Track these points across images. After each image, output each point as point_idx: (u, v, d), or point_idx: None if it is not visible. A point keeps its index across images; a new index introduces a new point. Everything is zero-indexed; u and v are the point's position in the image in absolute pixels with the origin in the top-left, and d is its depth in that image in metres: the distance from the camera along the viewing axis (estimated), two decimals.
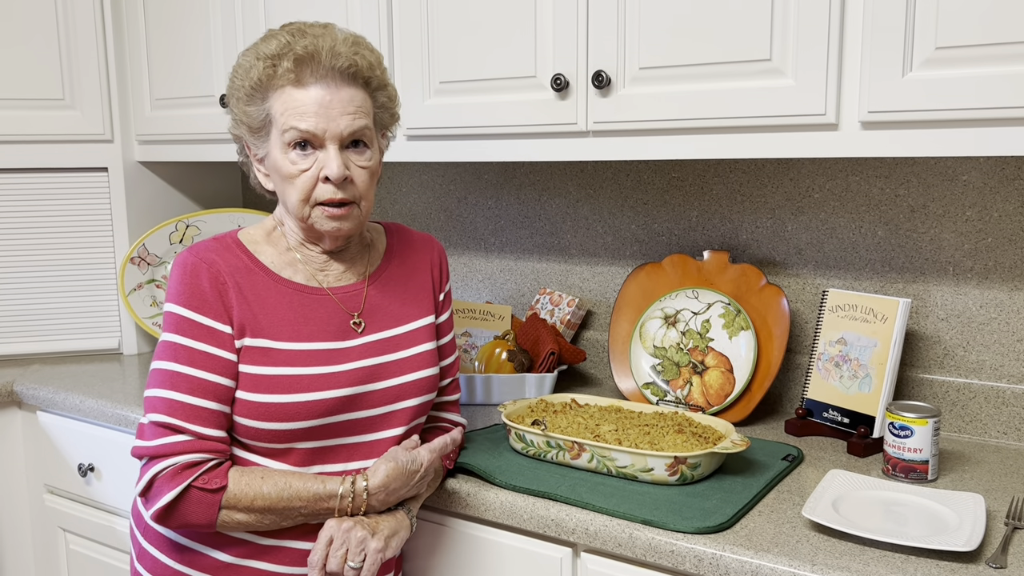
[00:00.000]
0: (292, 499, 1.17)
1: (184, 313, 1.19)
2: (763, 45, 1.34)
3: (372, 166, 1.23)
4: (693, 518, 1.18)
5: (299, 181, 1.19)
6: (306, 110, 1.17)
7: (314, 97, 1.17)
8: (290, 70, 1.17)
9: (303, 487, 1.17)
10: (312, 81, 1.17)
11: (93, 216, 2.23)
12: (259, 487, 1.16)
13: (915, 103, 1.23)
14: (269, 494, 1.16)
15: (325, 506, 1.18)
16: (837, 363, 1.56)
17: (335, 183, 1.19)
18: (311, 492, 1.17)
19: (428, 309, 1.35)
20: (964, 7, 1.18)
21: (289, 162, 1.19)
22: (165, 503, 1.14)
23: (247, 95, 1.21)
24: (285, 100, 1.18)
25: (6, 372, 2.08)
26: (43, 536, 2.06)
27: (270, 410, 1.18)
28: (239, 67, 1.23)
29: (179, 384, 1.17)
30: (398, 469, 1.20)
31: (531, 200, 2.04)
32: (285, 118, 1.17)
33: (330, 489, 1.18)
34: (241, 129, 1.25)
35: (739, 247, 1.78)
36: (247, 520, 1.17)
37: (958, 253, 1.56)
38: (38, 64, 2.13)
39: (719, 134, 1.41)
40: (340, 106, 1.18)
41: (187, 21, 2.07)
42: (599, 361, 1.97)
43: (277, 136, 1.19)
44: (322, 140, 1.18)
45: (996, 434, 1.54)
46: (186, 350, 1.18)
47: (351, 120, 1.19)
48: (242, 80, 1.21)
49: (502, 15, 1.58)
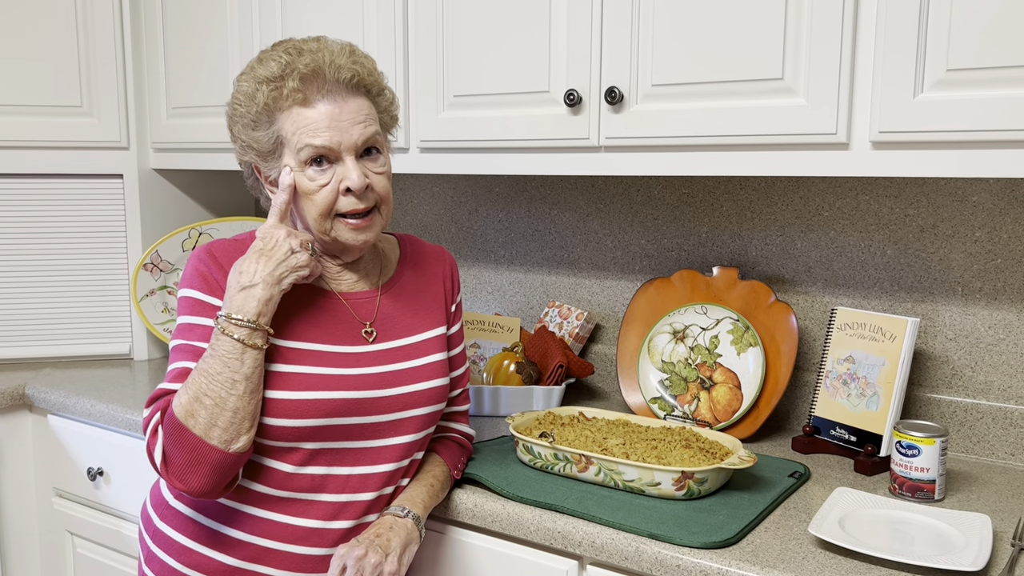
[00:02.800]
0: (207, 361, 1.14)
1: (195, 295, 1.22)
2: (775, 64, 1.35)
3: (387, 170, 1.26)
4: (700, 533, 1.18)
5: (319, 197, 1.20)
6: (318, 126, 1.18)
7: (323, 112, 1.18)
8: (296, 89, 1.17)
9: (208, 353, 1.15)
10: (319, 98, 1.19)
11: (107, 222, 2.25)
12: (187, 384, 1.14)
13: (926, 124, 1.24)
14: (191, 381, 1.14)
15: (235, 354, 1.14)
16: (845, 381, 1.56)
17: (356, 194, 1.20)
18: (214, 351, 1.14)
19: (440, 320, 1.37)
20: (976, 29, 1.19)
21: (307, 179, 1.20)
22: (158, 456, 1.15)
23: (253, 121, 1.21)
24: (295, 119, 1.19)
25: (18, 375, 2.10)
26: (51, 539, 2.07)
27: (277, 406, 1.19)
28: (239, 93, 1.23)
29: (187, 354, 1.20)
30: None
31: (541, 213, 2.05)
32: (298, 137, 1.18)
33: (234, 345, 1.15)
34: (250, 155, 1.25)
35: (748, 264, 1.79)
36: (201, 415, 1.12)
37: (967, 274, 1.56)
38: (57, 71, 2.15)
39: (730, 151, 1.42)
40: (350, 117, 1.20)
41: (205, 30, 2.09)
42: (607, 375, 1.97)
43: (291, 156, 1.20)
44: (338, 153, 1.19)
45: (1003, 455, 1.54)
46: (198, 327, 1.21)
47: (363, 129, 1.21)
48: (246, 107, 1.21)
49: (517, 30, 1.60)
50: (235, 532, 1.23)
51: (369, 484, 1.26)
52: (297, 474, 1.23)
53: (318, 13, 1.87)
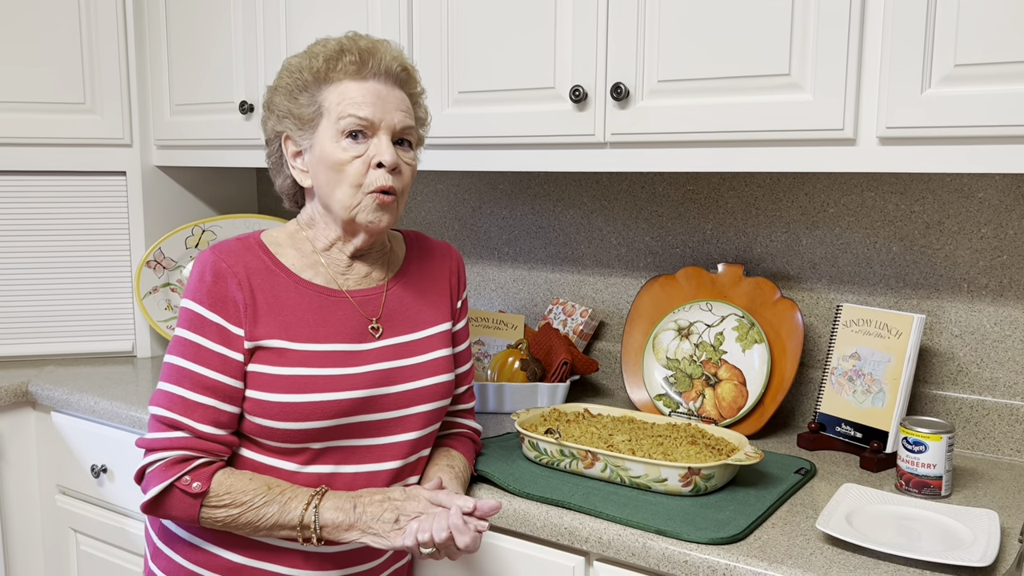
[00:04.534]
0: (262, 520, 1.17)
1: (198, 310, 1.21)
2: (782, 59, 1.35)
3: (415, 165, 1.29)
4: (707, 529, 1.18)
5: (350, 168, 1.22)
6: (364, 100, 1.22)
7: (372, 89, 1.23)
8: (353, 62, 1.22)
9: (272, 510, 1.17)
10: (371, 76, 1.23)
11: (110, 219, 2.24)
12: (241, 485, 1.17)
13: (933, 119, 1.24)
14: (248, 490, 1.17)
15: (287, 532, 1.18)
16: (850, 377, 1.56)
17: (388, 168, 1.22)
18: (276, 519, 1.17)
19: (445, 315, 1.36)
20: (984, 25, 1.19)
21: (341, 149, 1.22)
22: (149, 497, 1.17)
23: (300, 87, 1.24)
24: (342, 91, 1.22)
25: (21, 372, 2.09)
26: (54, 537, 2.06)
27: (285, 409, 1.19)
28: (289, 66, 1.27)
29: (182, 379, 1.19)
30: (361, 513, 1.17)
31: (545, 210, 2.05)
32: (342, 107, 1.21)
33: (292, 518, 1.17)
34: (285, 124, 1.26)
35: (753, 260, 1.79)
36: (227, 518, 1.17)
37: (973, 270, 1.56)
38: (60, 68, 2.15)
39: (736, 147, 1.42)
40: (395, 102, 1.24)
41: (208, 27, 2.09)
42: (611, 372, 1.97)
43: (329, 125, 1.22)
44: (376, 129, 1.22)
45: (1009, 451, 1.53)
46: (194, 346, 1.20)
47: (404, 116, 1.25)
48: (296, 75, 1.25)
49: (522, 26, 1.59)
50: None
51: (376, 481, 1.26)
52: (303, 473, 1.23)
53: (322, 9, 1.86)
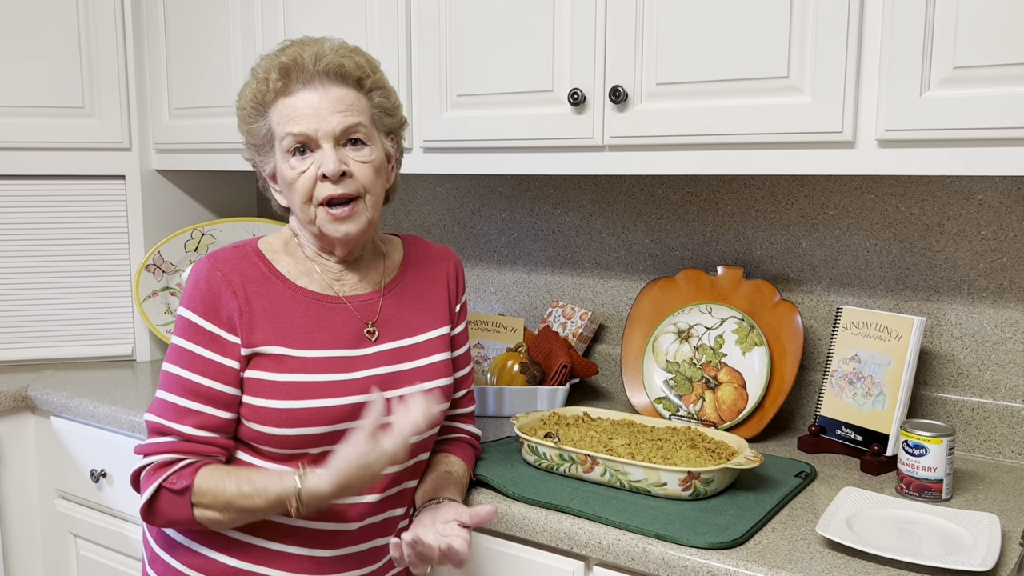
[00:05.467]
0: (252, 496, 1.15)
1: (192, 318, 1.21)
2: (781, 62, 1.35)
3: (373, 161, 1.23)
4: (707, 533, 1.18)
5: (299, 183, 1.21)
6: (297, 114, 1.20)
7: (304, 100, 1.20)
8: (276, 80, 1.20)
9: (262, 485, 1.15)
10: (299, 87, 1.20)
11: (109, 223, 2.24)
12: (221, 483, 1.16)
13: (932, 122, 1.23)
14: (229, 489, 1.15)
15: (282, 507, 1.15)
16: (851, 380, 1.56)
17: (332, 179, 1.20)
18: (269, 493, 1.14)
19: (443, 320, 1.36)
20: (982, 27, 1.19)
21: (289, 167, 1.22)
22: (143, 501, 1.18)
23: (250, 115, 1.25)
24: (280, 110, 1.21)
25: (20, 377, 2.09)
26: (54, 541, 2.06)
27: (282, 415, 1.19)
28: (241, 94, 1.27)
29: (175, 386, 1.20)
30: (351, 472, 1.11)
31: (545, 213, 2.05)
32: (281, 126, 1.21)
33: (286, 488, 1.13)
34: (251, 152, 1.29)
35: (753, 263, 1.79)
36: (218, 517, 1.17)
37: (973, 272, 1.56)
38: (59, 72, 2.15)
39: (735, 150, 1.42)
40: (330, 105, 1.20)
41: (207, 31, 2.09)
42: (611, 375, 1.97)
43: (278, 147, 1.23)
44: (316, 141, 1.20)
45: (1010, 454, 1.53)
46: (188, 354, 1.21)
47: (343, 117, 1.21)
48: (243, 102, 1.26)
49: (520, 30, 1.59)
50: (239, 534, 1.23)
51: (373, 486, 1.25)
52: None
53: (320, 12, 1.86)
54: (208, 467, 1.19)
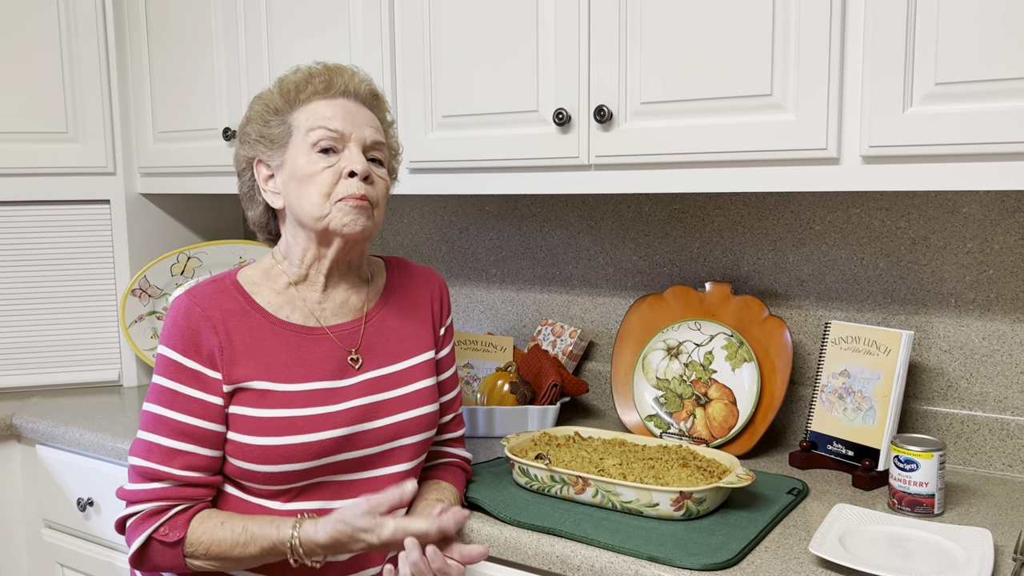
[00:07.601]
0: (247, 545, 1.15)
1: (173, 356, 1.20)
2: (764, 80, 1.35)
3: (387, 181, 1.29)
4: (700, 554, 1.17)
5: (320, 177, 1.21)
6: (334, 114, 1.23)
7: (341, 105, 1.24)
8: (322, 81, 1.25)
9: (258, 534, 1.15)
10: (339, 94, 1.26)
11: (95, 248, 2.23)
12: (215, 535, 1.15)
13: (916, 138, 1.24)
14: (224, 541, 1.15)
15: (279, 555, 1.16)
16: (841, 395, 1.56)
17: (360, 176, 1.22)
18: (265, 541, 1.14)
19: (428, 344, 1.35)
20: (963, 43, 1.20)
21: (311, 162, 1.22)
22: (132, 551, 1.16)
23: (271, 111, 1.26)
24: (312, 110, 1.24)
25: (5, 405, 2.07)
26: (40, 571, 2.03)
27: (266, 452, 1.18)
28: (260, 96, 1.28)
29: (160, 427, 1.18)
30: (346, 534, 1.12)
31: (532, 231, 2.05)
32: (313, 121, 1.22)
33: (283, 537, 1.14)
34: (256, 148, 1.27)
35: (741, 279, 1.79)
36: (212, 566, 1.17)
37: (960, 285, 1.56)
38: (42, 97, 2.14)
39: (720, 168, 1.42)
40: (364, 119, 1.26)
41: (191, 55, 2.08)
42: (602, 393, 1.96)
43: (299, 140, 1.22)
44: (346, 142, 1.22)
45: (1001, 467, 1.53)
46: (170, 393, 1.19)
47: (374, 132, 1.26)
48: (267, 101, 1.27)
49: (504, 50, 1.59)
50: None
51: None
52: (287, 511, 1.21)
53: (304, 35, 1.86)
54: (201, 515, 1.17)
